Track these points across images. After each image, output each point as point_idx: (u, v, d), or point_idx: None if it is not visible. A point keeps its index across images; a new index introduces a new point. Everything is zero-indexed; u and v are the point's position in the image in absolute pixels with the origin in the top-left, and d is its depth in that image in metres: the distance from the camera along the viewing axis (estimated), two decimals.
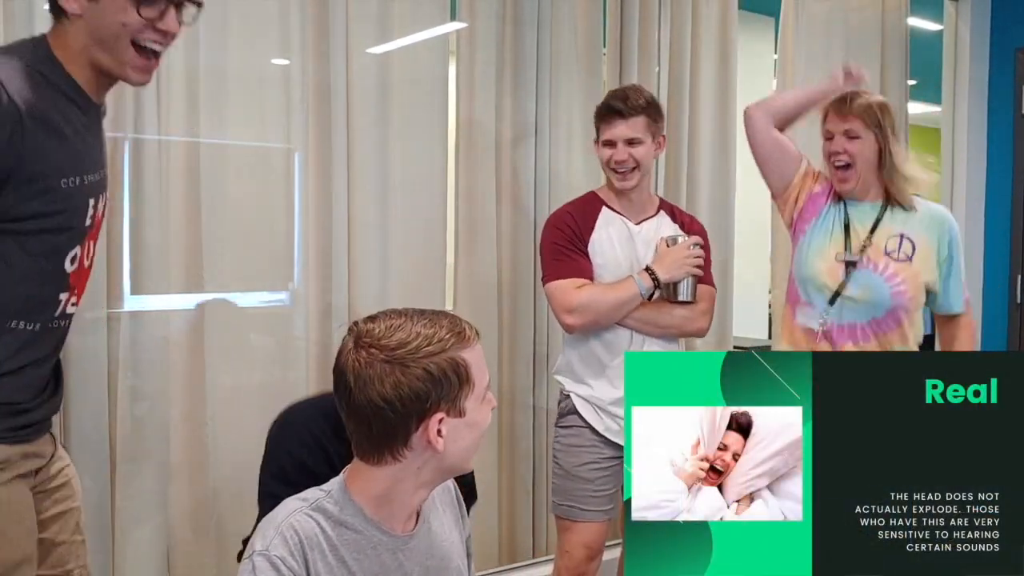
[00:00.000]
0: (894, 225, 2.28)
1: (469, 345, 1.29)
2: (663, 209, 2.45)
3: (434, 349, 1.25)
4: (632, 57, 3.21)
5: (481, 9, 2.95)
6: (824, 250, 2.30)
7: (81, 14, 1.38)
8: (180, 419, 2.51)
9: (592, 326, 2.32)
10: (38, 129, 1.34)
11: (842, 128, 2.24)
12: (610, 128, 2.31)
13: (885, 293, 2.24)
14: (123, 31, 1.38)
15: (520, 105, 3.04)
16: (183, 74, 2.46)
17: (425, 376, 1.24)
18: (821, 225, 2.32)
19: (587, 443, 2.34)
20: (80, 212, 1.45)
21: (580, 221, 2.36)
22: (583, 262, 2.33)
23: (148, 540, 2.48)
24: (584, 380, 2.37)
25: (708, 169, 3.46)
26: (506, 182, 3.03)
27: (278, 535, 1.24)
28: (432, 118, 2.88)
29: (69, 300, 1.49)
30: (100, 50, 1.40)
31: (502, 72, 3.00)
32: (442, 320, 1.29)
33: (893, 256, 2.26)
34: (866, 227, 2.28)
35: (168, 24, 1.41)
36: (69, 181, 1.40)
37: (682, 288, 2.32)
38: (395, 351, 1.24)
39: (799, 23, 3.73)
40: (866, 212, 2.30)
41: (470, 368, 1.27)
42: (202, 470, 2.54)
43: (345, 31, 2.68)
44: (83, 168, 1.43)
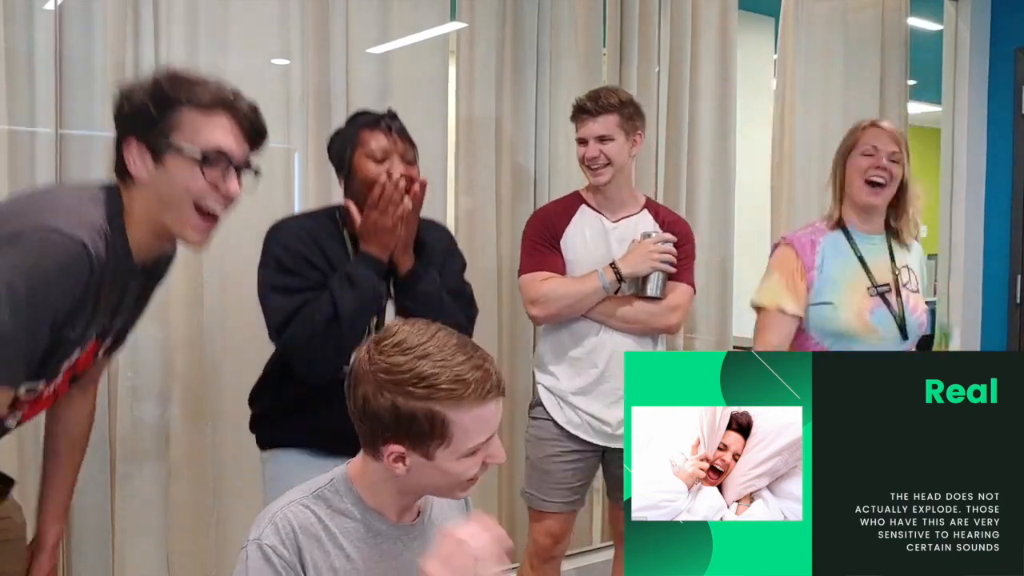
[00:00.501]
0: (900, 257, 2.29)
1: (471, 405, 1.20)
2: (647, 208, 2.47)
3: (417, 392, 1.18)
4: (632, 57, 3.21)
5: (481, 9, 2.95)
6: (846, 293, 2.22)
7: (148, 183, 1.42)
8: (180, 419, 2.51)
9: (555, 318, 2.38)
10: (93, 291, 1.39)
11: (890, 149, 2.21)
12: (582, 126, 2.38)
13: (915, 325, 2.26)
14: (187, 195, 1.42)
15: (520, 105, 3.04)
16: None
17: (391, 409, 1.19)
18: (831, 263, 2.24)
19: (550, 436, 2.40)
20: (63, 356, 1.45)
21: (556, 219, 2.43)
22: (554, 257, 2.39)
23: (148, 540, 2.48)
24: (550, 370, 2.43)
25: (708, 169, 3.46)
26: (506, 182, 3.03)
27: (271, 524, 1.25)
28: (432, 118, 2.88)
29: (12, 416, 1.46)
30: (160, 215, 1.44)
31: (502, 72, 3.00)
32: (464, 368, 1.20)
33: (910, 288, 2.28)
34: (884, 257, 2.27)
35: (230, 188, 1.44)
36: (72, 332, 1.42)
37: (651, 284, 2.34)
38: (384, 370, 1.20)
39: (799, 23, 3.73)
40: (876, 244, 2.28)
41: (450, 427, 1.19)
42: (202, 470, 2.54)
43: (345, 31, 2.68)
44: (91, 322, 1.45)
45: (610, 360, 2.36)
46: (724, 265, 3.52)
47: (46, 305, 1.33)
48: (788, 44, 3.74)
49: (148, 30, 2.41)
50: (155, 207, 1.43)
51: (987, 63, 4.30)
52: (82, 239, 1.33)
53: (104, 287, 1.41)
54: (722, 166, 3.49)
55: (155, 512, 2.49)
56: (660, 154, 3.34)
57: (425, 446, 1.21)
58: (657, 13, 3.28)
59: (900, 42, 4.08)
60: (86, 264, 1.34)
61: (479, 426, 1.22)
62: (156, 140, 1.40)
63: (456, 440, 1.21)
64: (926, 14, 4.39)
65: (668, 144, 3.36)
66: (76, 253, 1.32)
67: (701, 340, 3.51)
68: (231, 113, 1.44)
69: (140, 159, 1.41)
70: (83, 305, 1.39)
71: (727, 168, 3.49)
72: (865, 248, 2.26)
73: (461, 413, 1.20)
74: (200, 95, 1.42)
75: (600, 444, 2.40)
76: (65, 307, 1.35)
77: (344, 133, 1.94)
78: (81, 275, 1.34)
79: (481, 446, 1.24)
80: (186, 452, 2.52)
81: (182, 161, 1.40)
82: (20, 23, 2.25)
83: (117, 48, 2.37)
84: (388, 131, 1.87)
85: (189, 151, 1.40)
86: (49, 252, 1.31)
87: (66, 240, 1.32)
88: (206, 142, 1.41)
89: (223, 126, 1.43)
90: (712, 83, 3.45)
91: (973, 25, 4.24)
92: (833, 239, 2.27)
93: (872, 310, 2.20)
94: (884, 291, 2.22)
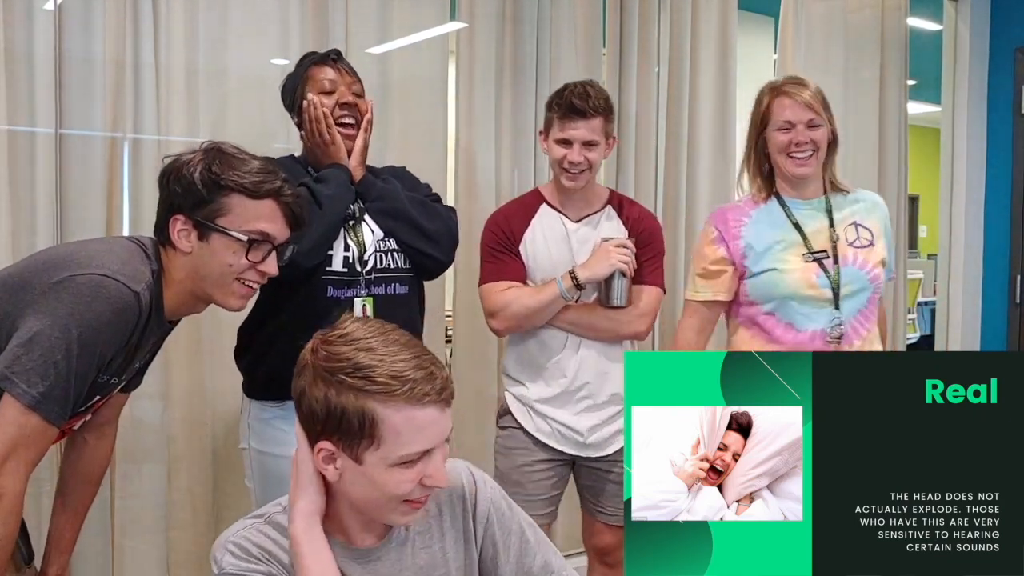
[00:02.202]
0: (842, 215, 2.23)
1: (403, 405, 1.12)
2: (611, 203, 2.36)
3: (351, 383, 1.12)
4: (632, 57, 3.21)
5: (481, 9, 2.95)
6: (786, 257, 2.21)
7: (190, 253, 1.50)
8: (180, 419, 2.51)
9: (516, 329, 2.28)
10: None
11: (804, 118, 2.15)
12: (569, 127, 2.21)
13: (863, 280, 2.19)
14: (230, 271, 1.51)
15: (520, 105, 3.04)
16: (183, 74, 2.46)
17: (324, 401, 1.14)
18: (765, 233, 2.22)
19: (519, 445, 2.29)
20: (84, 398, 1.49)
21: (514, 222, 2.31)
22: (514, 264, 2.28)
23: (148, 540, 2.49)
24: (519, 380, 2.33)
25: (708, 169, 3.46)
26: (506, 182, 3.03)
27: (225, 553, 1.21)
28: (432, 118, 2.88)
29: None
30: (200, 282, 1.52)
31: (502, 72, 3.00)
32: (404, 366, 1.13)
33: (856, 245, 2.21)
34: (823, 222, 2.22)
35: (268, 269, 1.54)
36: (101, 377, 1.48)
37: (614, 293, 2.22)
38: (324, 359, 1.15)
39: (799, 23, 3.73)
40: (814, 208, 2.23)
41: (379, 426, 1.12)
42: (202, 470, 2.54)
43: (345, 31, 2.68)
44: (116, 370, 1.52)
45: (579, 370, 2.27)
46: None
47: (99, 348, 1.40)
48: (788, 44, 3.74)
49: (148, 30, 2.41)
50: (194, 275, 1.52)
51: (987, 63, 4.30)
52: (136, 288, 1.42)
53: (139, 337, 1.48)
54: (722, 166, 3.49)
55: (155, 512, 2.49)
56: (660, 154, 3.34)
57: (354, 446, 1.14)
58: (657, 13, 3.28)
59: (900, 42, 4.07)
60: (135, 312, 1.42)
61: (412, 432, 1.14)
62: (204, 220, 1.48)
63: (386, 444, 1.13)
64: (926, 14, 4.39)
65: (668, 144, 3.36)
66: (129, 300, 1.41)
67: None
68: (277, 199, 1.52)
69: (186, 234, 1.50)
70: (123, 352, 1.46)
71: (727, 168, 3.49)
72: (801, 215, 2.22)
73: (392, 412, 1.12)
74: (250, 183, 1.49)
75: (571, 453, 2.30)
76: (111, 352, 1.43)
77: (294, 74, 2.10)
78: (130, 322, 1.42)
79: (416, 459, 1.15)
80: (186, 452, 2.52)
81: (229, 242, 1.49)
82: (20, 23, 2.25)
83: (117, 48, 2.37)
84: (335, 66, 2.06)
85: (237, 236, 1.48)
86: (103, 296, 1.38)
87: (121, 287, 1.40)
88: (254, 229, 1.50)
89: (270, 213, 1.51)
90: (712, 83, 3.45)
91: (973, 25, 4.24)
92: (767, 210, 2.24)
93: (817, 273, 2.17)
94: (821, 257, 2.18)
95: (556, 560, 1.37)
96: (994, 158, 4.31)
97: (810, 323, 2.17)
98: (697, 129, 3.42)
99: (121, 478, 2.42)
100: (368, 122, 2.07)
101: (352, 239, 2.01)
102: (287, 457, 1.97)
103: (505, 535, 1.34)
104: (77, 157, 2.34)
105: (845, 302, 2.17)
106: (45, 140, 2.30)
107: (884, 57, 4.03)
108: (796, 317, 2.18)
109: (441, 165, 2.90)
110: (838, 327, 2.16)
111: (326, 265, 1.98)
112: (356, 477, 1.17)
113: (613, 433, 2.31)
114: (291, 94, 2.09)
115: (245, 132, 2.50)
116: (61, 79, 2.30)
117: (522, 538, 1.35)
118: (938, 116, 4.39)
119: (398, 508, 1.19)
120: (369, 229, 2.03)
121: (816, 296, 2.17)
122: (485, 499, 1.34)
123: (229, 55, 2.54)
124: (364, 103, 2.07)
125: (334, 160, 2.02)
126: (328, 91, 2.03)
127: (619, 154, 3.21)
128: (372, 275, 2.01)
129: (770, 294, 2.20)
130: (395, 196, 2.06)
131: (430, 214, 2.09)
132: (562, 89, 2.28)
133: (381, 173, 2.13)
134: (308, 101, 2.01)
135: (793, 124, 2.17)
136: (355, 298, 1.99)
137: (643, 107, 3.27)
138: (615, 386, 2.29)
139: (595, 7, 3.15)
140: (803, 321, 2.18)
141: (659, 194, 3.34)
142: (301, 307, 1.97)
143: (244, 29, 2.55)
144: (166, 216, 1.51)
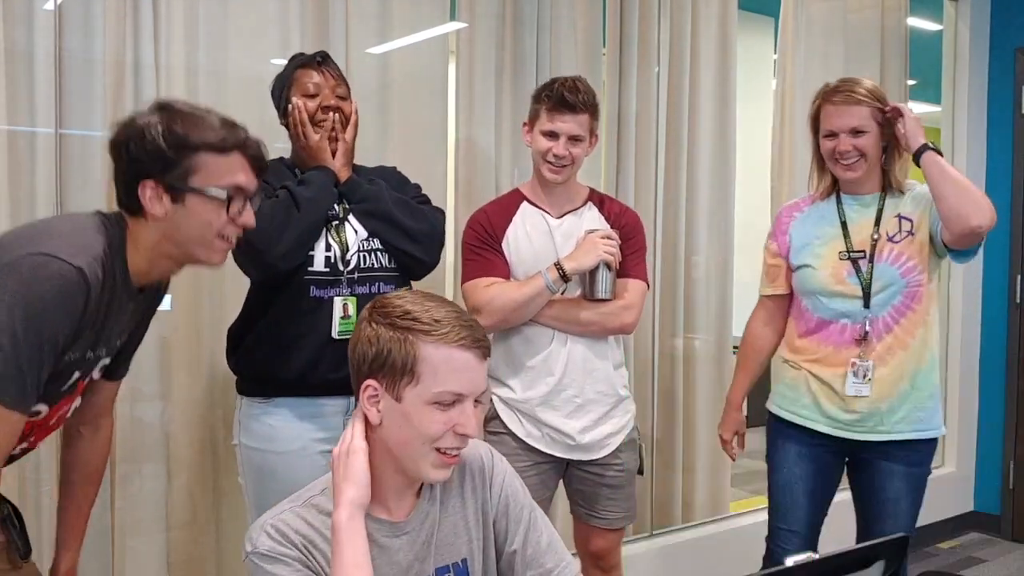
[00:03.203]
0: (891, 208, 2.28)
1: (443, 343, 1.27)
2: (591, 200, 2.36)
3: (399, 323, 1.27)
4: (632, 57, 3.21)
5: (481, 9, 2.95)
6: (821, 253, 2.31)
7: (166, 218, 1.48)
8: (180, 419, 2.51)
9: (502, 324, 2.24)
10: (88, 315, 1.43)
11: (848, 126, 2.22)
12: (557, 120, 2.21)
13: (892, 276, 2.23)
14: (210, 229, 1.50)
15: (520, 105, 3.03)
16: (183, 74, 2.46)
17: (374, 339, 1.28)
18: (809, 229, 2.35)
19: (509, 450, 2.22)
20: (62, 378, 1.48)
21: (495, 219, 2.31)
22: (497, 261, 2.27)
23: (148, 540, 2.48)
24: (505, 381, 2.30)
25: (708, 169, 3.46)
26: (506, 181, 3.03)
27: (262, 533, 1.28)
28: (432, 118, 2.88)
29: (20, 445, 1.49)
30: (179, 245, 1.51)
31: (502, 72, 3.00)
32: (447, 315, 1.29)
33: (896, 239, 2.25)
34: (869, 220, 2.27)
35: (247, 220, 1.54)
36: (71, 355, 1.46)
37: (599, 286, 2.21)
38: (379, 306, 1.31)
39: (799, 23, 3.74)
40: (866, 204, 2.30)
41: (419, 364, 1.26)
42: (202, 470, 2.54)
43: (345, 31, 2.68)
44: (89, 344, 1.49)
45: (567, 367, 2.25)
46: (724, 265, 3.52)
47: (47, 328, 1.37)
48: (788, 44, 3.74)
49: (148, 30, 2.41)
50: (170, 238, 1.50)
51: (987, 63, 4.31)
52: (78, 264, 1.38)
53: (103, 309, 1.45)
54: (722, 166, 3.49)
55: (155, 512, 2.49)
56: (660, 154, 3.34)
57: (396, 383, 1.27)
58: (657, 13, 3.28)
59: (900, 42, 4.08)
60: (82, 288, 1.38)
61: (448, 372, 1.27)
62: (175, 182, 1.46)
63: (424, 381, 1.26)
64: (926, 14, 4.39)
65: (668, 144, 3.36)
66: (71, 277, 1.37)
67: (701, 340, 3.51)
68: (243, 151, 1.51)
69: (157, 199, 1.47)
70: (83, 328, 1.43)
71: (727, 168, 3.49)
72: (852, 212, 2.30)
73: (432, 350, 1.26)
74: (216, 138, 1.47)
75: (562, 456, 2.28)
76: (66, 330, 1.39)
77: (281, 76, 2.13)
78: (78, 299, 1.39)
79: (450, 402, 1.27)
80: (186, 452, 2.52)
81: (206, 201, 1.47)
82: (20, 23, 2.25)
83: (117, 48, 2.37)
84: (319, 69, 2.09)
85: (215, 193, 1.47)
86: (43, 276, 1.35)
87: (62, 264, 1.36)
88: (228, 183, 1.49)
89: (240, 165, 1.51)
90: (712, 83, 3.45)
91: (973, 25, 4.24)
92: (822, 206, 2.35)
93: (849, 272, 2.26)
94: (857, 257, 2.25)
95: (559, 543, 1.46)
96: (994, 158, 4.31)
97: (840, 318, 2.27)
98: (697, 129, 3.42)
99: (121, 478, 2.41)
100: (353, 124, 2.10)
101: (335, 239, 2.03)
102: (274, 452, 2.04)
103: (517, 509, 1.45)
104: (77, 157, 2.33)
105: (876, 298, 2.23)
106: (45, 140, 2.29)
107: (884, 57, 4.03)
108: (825, 312, 2.29)
109: (441, 165, 2.90)
110: (863, 325, 2.24)
111: (308, 266, 2.00)
112: (395, 417, 1.28)
113: (607, 435, 2.30)
114: (278, 96, 2.13)
115: None
116: (61, 79, 2.30)
117: (531, 515, 1.46)
118: (938, 116, 4.39)
119: (430, 456, 1.29)
120: (353, 229, 2.06)
121: (844, 292, 2.26)
122: (500, 473, 1.47)
123: (229, 55, 2.54)
124: (348, 105, 2.10)
125: (319, 162, 2.05)
126: (312, 94, 2.07)
127: (619, 154, 3.21)
128: (355, 274, 2.03)
129: (804, 288, 2.33)
130: (379, 197, 2.08)
131: (414, 214, 2.10)
132: (552, 82, 2.28)
133: (369, 174, 2.14)
134: (292, 104, 2.05)
135: (836, 133, 2.23)
136: (336, 297, 2.01)
137: (643, 107, 3.27)
138: (603, 384, 2.28)
139: (595, 7, 3.15)
140: (833, 316, 2.28)
141: (659, 194, 3.34)
142: (285, 307, 2.00)
143: (244, 29, 2.55)
144: (132, 184, 1.47)
